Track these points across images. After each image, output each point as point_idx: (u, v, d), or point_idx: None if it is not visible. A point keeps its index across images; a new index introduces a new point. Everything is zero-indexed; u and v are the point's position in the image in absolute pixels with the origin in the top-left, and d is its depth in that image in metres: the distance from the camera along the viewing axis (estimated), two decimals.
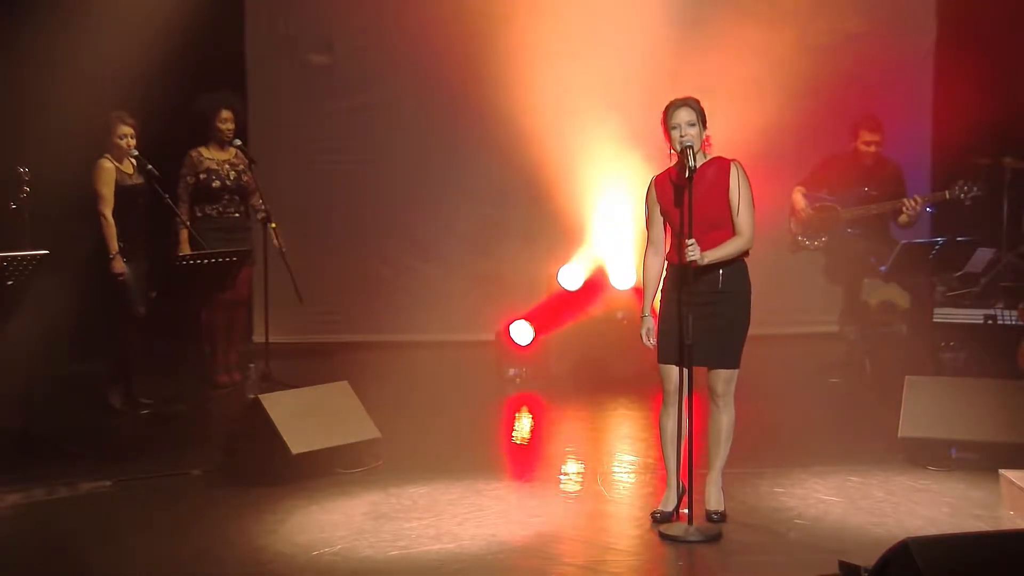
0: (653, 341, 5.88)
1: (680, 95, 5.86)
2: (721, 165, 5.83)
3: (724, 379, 5.87)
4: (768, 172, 9.22)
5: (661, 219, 5.92)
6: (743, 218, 5.79)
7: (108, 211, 8.01)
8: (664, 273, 5.94)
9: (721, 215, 5.80)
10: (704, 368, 5.87)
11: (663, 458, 5.99)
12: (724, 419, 5.91)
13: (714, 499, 5.91)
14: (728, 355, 5.86)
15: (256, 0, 10.67)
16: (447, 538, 5.77)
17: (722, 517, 5.88)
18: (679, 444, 5.83)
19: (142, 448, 7.46)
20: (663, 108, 5.84)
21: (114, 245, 8.00)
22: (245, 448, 6.80)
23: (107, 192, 8.01)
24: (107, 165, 8.04)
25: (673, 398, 5.86)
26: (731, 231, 5.82)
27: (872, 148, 8.97)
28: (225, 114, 8.74)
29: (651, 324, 5.88)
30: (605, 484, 6.70)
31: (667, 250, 5.91)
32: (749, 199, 5.82)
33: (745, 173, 5.84)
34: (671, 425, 5.90)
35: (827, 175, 9.12)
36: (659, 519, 5.89)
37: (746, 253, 5.89)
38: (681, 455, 5.82)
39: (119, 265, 8.02)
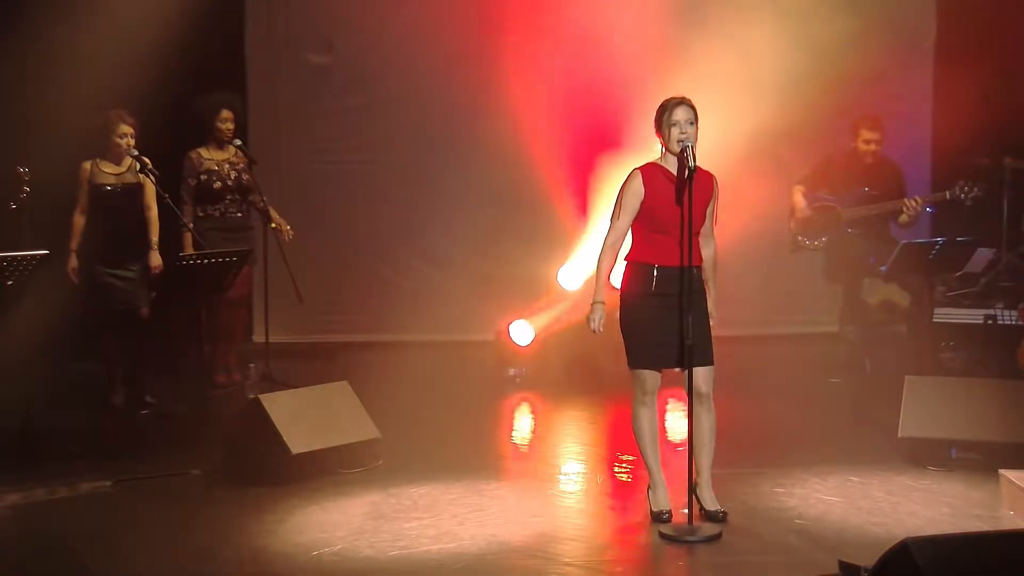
0: (601, 328, 5.89)
1: (675, 94, 5.87)
2: (706, 177, 5.88)
3: (708, 376, 5.87)
4: (767, 172, 9.28)
5: (634, 212, 5.86)
6: (713, 234, 5.97)
7: (76, 211, 8.13)
8: (625, 272, 5.95)
9: (702, 221, 5.88)
10: (671, 369, 5.89)
11: (644, 459, 6.00)
12: (709, 419, 5.89)
13: (710, 499, 5.90)
14: (710, 352, 5.89)
15: (256, 0, 10.67)
16: (447, 538, 5.77)
17: (725, 516, 5.87)
18: (657, 443, 5.97)
19: (142, 448, 7.47)
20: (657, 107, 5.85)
21: (72, 243, 8.11)
22: (245, 448, 6.80)
23: (79, 194, 8.12)
24: (84, 166, 8.11)
25: (650, 399, 5.90)
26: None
27: (872, 147, 8.97)
28: (225, 114, 8.74)
29: (603, 312, 5.88)
30: (605, 484, 6.70)
31: (650, 250, 5.86)
32: (715, 215, 5.99)
33: None
34: (648, 426, 5.92)
35: (827, 174, 9.12)
36: (665, 518, 5.88)
37: None
38: (659, 453, 5.96)
39: (71, 261, 8.11)
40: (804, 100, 9.81)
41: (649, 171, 5.87)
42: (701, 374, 5.82)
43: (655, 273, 5.80)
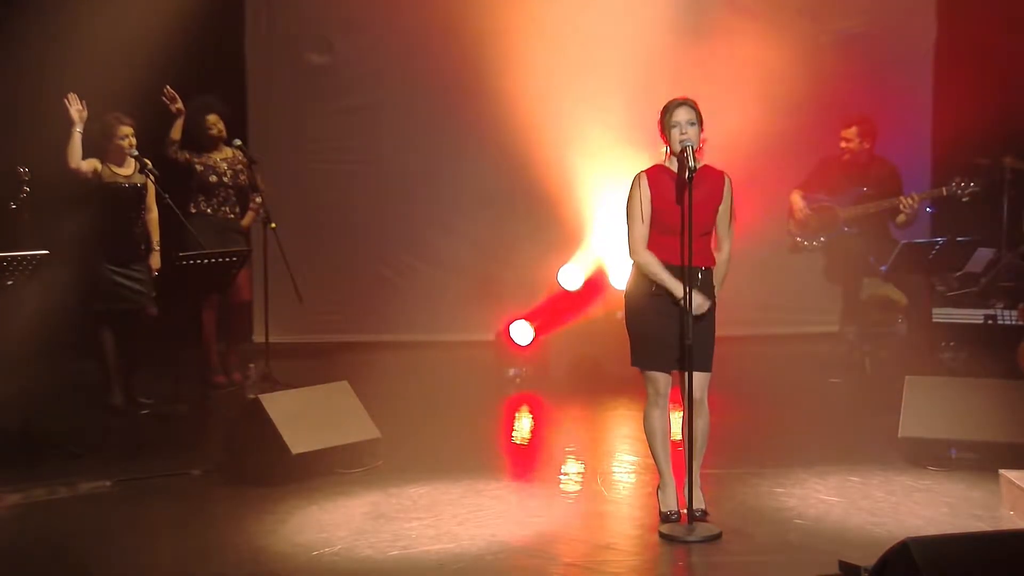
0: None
1: (679, 96, 5.86)
2: (716, 176, 5.84)
3: (703, 383, 5.84)
4: (768, 173, 9.28)
5: (648, 216, 5.79)
6: (730, 234, 5.88)
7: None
8: (631, 272, 5.92)
9: (709, 222, 5.84)
10: (676, 371, 5.86)
11: (655, 459, 5.98)
12: (702, 422, 5.87)
13: (697, 498, 5.87)
14: (708, 358, 5.85)
15: (256, 0, 10.68)
16: (447, 538, 5.77)
17: (704, 514, 5.86)
18: (668, 444, 5.95)
19: (142, 448, 7.47)
20: (660, 109, 5.84)
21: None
22: (245, 448, 6.80)
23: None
24: (91, 163, 8.02)
25: (662, 400, 5.88)
26: (713, 238, 5.87)
27: (842, 143, 9.00)
28: (211, 119, 8.78)
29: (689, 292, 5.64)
30: (605, 484, 6.70)
31: (654, 251, 5.81)
32: (733, 214, 5.90)
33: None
34: (659, 426, 5.92)
35: (825, 176, 9.14)
36: (674, 519, 5.87)
37: None
38: (670, 454, 5.93)
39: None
40: (804, 101, 9.82)
41: (653, 173, 5.84)
42: (697, 379, 5.79)
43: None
